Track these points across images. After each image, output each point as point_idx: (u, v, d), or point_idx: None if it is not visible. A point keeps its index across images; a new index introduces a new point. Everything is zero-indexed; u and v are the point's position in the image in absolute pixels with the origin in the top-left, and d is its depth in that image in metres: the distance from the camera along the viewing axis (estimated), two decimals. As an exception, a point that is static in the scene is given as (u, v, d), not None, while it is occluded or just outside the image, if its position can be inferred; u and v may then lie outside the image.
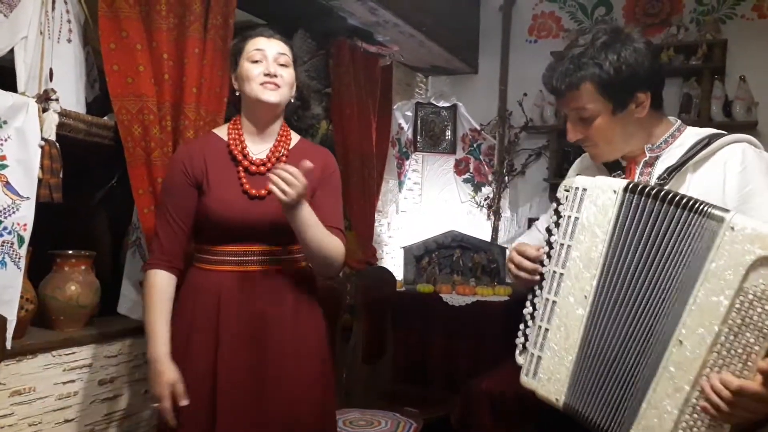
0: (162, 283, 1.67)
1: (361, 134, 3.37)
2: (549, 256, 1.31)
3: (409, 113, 4.18)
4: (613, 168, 1.40)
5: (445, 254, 3.89)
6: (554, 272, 1.27)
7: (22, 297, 1.77)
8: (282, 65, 1.69)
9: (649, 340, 1.13)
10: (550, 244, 1.31)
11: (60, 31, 1.98)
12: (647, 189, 1.16)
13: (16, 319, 1.75)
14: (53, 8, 1.94)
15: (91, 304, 2.06)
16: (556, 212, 1.31)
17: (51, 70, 1.92)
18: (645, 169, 1.34)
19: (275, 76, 1.66)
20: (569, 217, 1.26)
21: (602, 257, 1.19)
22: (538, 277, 1.33)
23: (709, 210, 1.08)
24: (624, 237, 1.17)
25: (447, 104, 4.25)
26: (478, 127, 4.23)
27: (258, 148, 1.73)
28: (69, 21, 2.02)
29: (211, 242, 1.69)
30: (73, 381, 1.97)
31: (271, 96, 1.66)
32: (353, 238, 3.48)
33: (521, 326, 1.36)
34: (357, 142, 3.35)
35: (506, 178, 4.12)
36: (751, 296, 1.01)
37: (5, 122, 1.71)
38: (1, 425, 1.77)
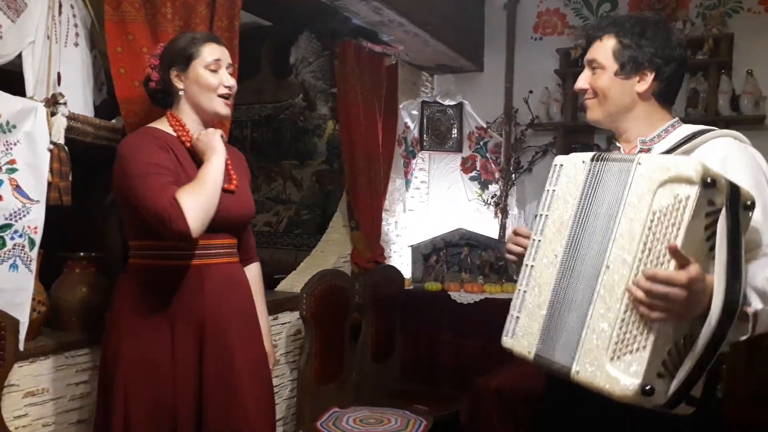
0: None
1: (367, 134, 3.37)
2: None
3: (415, 112, 4.18)
4: None
5: (452, 252, 3.89)
6: (534, 240, 1.38)
7: (33, 299, 1.80)
8: (230, 75, 1.76)
9: (592, 276, 1.23)
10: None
11: (67, 36, 2.01)
12: (609, 155, 1.29)
13: (29, 321, 1.78)
14: (60, 13, 1.97)
15: (102, 305, 2.08)
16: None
17: (59, 74, 1.94)
18: None
19: (231, 87, 1.74)
20: (548, 191, 1.38)
21: (571, 219, 1.31)
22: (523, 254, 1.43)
23: (624, 156, 1.26)
24: (587, 198, 1.29)
25: (453, 102, 4.25)
26: (485, 125, 4.23)
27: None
28: (76, 25, 2.04)
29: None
30: (85, 381, 2.00)
31: (227, 111, 1.76)
32: (361, 238, 3.49)
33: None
34: (363, 142, 3.36)
35: (513, 175, 4.11)
36: (658, 215, 1.14)
37: (14, 126, 1.73)
38: (16, 426, 1.79)
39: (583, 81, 1.48)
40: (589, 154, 1.33)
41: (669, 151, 1.36)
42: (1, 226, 1.71)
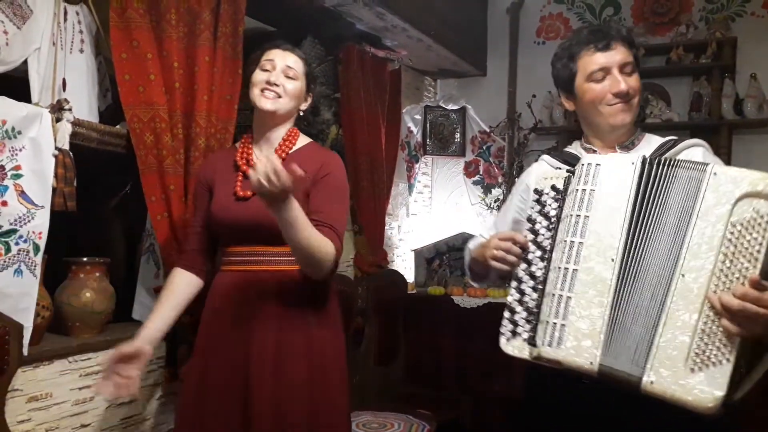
0: (174, 278, 1.77)
1: (370, 138, 3.38)
2: (536, 242, 1.38)
3: (418, 117, 4.19)
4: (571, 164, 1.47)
5: (455, 256, 3.89)
6: (571, 242, 1.31)
7: (38, 304, 1.80)
8: (289, 77, 1.74)
9: (659, 283, 1.22)
10: (534, 231, 1.39)
11: (72, 42, 2.02)
12: (661, 159, 1.29)
13: (33, 326, 1.78)
14: (65, 19, 1.98)
15: (106, 311, 2.09)
16: (539, 202, 1.39)
17: (64, 80, 1.95)
18: None
19: (276, 85, 1.71)
20: (582, 190, 1.32)
21: (626, 222, 1.27)
22: (518, 262, 1.39)
23: (693, 164, 1.25)
24: (645, 202, 1.26)
25: (456, 107, 4.25)
26: (488, 129, 4.23)
27: (263, 154, 1.75)
28: (81, 32, 2.05)
29: (222, 245, 1.80)
30: (89, 386, 2.00)
31: (267, 104, 1.71)
32: (364, 242, 3.49)
33: (506, 314, 1.40)
34: (367, 147, 3.36)
35: (516, 179, 4.11)
36: (739, 227, 1.14)
37: (19, 132, 1.74)
38: (19, 430, 1.79)
39: (625, 83, 1.45)
40: (636, 157, 1.31)
41: (654, 154, 1.40)
42: (6, 231, 1.72)
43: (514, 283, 1.40)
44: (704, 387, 1.13)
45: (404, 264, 4.05)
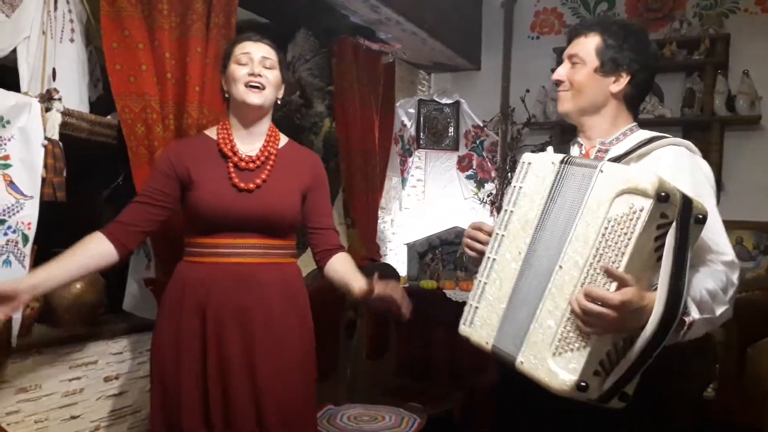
0: (93, 242, 1.67)
1: (364, 132, 3.37)
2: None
3: (411, 110, 4.18)
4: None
5: (448, 250, 3.89)
6: (497, 234, 1.42)
7: (27, 295, 1.79)
8: (267, 68, 1.78)
9: (545, 273, 1.28)
10: (498, 220, 1.45)
11: (62, 31, 2.00)
12: (576, 159, 1.34)
13: (22, 317, 1.77)
14: (55, 8, 1.95)
15: (96, 302, 2.08)
16: (508, 192, 1.46)
17: (54, 69, 1.93)
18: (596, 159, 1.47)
19: (259, 75, 1.75)
20: (515, 187, 1.41)
21: (536, 218, 1.34)
22: (483, 250, 1.46)
23: (589, 162, 1.31)
24: (552, 199, 1.33)
25: (450, 101, 4.25)
26: (481, 124, 4.22)
27: (247, 147, 1.81)
28: (71, 20, 2.03)
29: (201, 235, 1.77)
30: (78, 378, 2.00)
31: (255, 98, 1.75)
32: (357, 236, 3.48)
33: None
34: (360, 140, 3.35)
35: (509, 174, 4.11)
36: (612, 222, 1.18)
37: (8, 122, 1.72)
38: (8, 422, 1.78)
39: (561, 73, 1.52)
40: (559, 156, 1.36)
41: (625, 154, 1.41)
42: (-5, 221, 1.71)
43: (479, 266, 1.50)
44: (559, 370, 1.20)
45: (397, 258, 4.05)
